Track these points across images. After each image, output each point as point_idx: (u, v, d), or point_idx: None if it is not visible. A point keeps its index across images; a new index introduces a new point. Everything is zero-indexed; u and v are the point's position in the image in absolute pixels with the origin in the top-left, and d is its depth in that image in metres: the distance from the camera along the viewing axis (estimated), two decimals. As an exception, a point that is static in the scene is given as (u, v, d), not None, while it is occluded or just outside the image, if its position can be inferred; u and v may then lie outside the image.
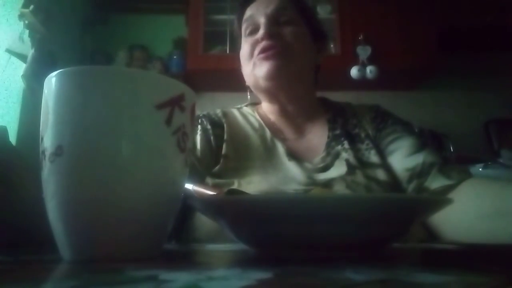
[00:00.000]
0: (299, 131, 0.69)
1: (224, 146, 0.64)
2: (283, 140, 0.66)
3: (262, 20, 0.64)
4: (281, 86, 0.64)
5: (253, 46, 0.64)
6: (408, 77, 1.99)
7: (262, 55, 0.62)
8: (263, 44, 0.62)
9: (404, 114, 0.75)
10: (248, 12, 0.68)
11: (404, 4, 1.92)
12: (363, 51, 1.86)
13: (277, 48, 0.62)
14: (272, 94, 0.67)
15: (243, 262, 0.24)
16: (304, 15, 0.69)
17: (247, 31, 0.68)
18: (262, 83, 0.64)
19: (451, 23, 1.92)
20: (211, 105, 1.92)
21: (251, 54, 0.65)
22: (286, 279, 0.16)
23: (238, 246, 0.33)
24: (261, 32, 0.63)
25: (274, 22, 0.64)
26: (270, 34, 0.62)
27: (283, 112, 0.69)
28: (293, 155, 0.62)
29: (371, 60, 1.84)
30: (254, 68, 0.64)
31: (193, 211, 0.59)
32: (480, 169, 1.61)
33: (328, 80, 1.94)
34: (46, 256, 0.25)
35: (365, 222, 0.24)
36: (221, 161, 0.62)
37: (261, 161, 0.61)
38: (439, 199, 0.30)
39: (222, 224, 0.29)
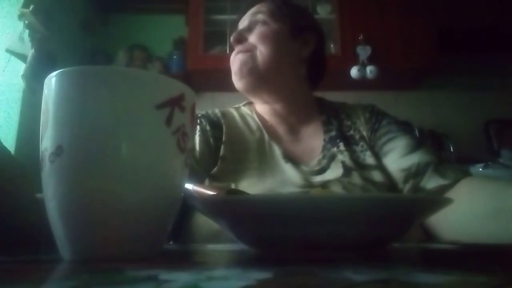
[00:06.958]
0: (294, 132, 0.69)
1: (222, 147, 0.64)
2: (280, 143, 0.66)
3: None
4: (251, 84, 0.67)
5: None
6: (408, 77, 1.99)
7: (231, 59, 0.69)
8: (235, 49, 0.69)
9: (404, 114, 0.75)
10: None
11: (404, 4, 1.92)
12: (363, 51, 1.86)
13: (241, 51, 0.67)
14: (249, 94, 0.70)
15: (243, 262, 0.24)
16: (278, 13, 0.69)
17: None
18: (235, 83, 0.69)
19: (451, 23, 1.92)
20: (211, 105, 1.93)
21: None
22: (286, 279, 0.16)
23: (238, 246, 0.33)
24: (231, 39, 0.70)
25: (247, 29, 0.69)
26: (236, 40, 0.68)
27: (273, 111, 0.70)
28: (290, 158, 0.63)
29: (371, 60, 1.84)
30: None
31: (190, 216, 0.59)
32: (480, 169, 1.61)
33: (328, 80, 1.94)
34: (46, 256, 0.25)
35: (365, 222, 0.24)
36: (219, 162, 0.62)
37: (258, 164, 0.62)
38: (440, 199, 0.30)
39: (222, 224, 0.29)
